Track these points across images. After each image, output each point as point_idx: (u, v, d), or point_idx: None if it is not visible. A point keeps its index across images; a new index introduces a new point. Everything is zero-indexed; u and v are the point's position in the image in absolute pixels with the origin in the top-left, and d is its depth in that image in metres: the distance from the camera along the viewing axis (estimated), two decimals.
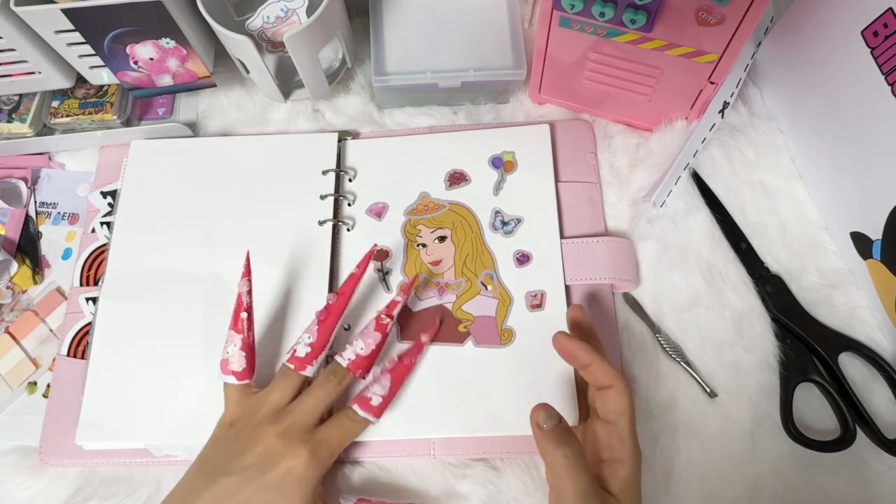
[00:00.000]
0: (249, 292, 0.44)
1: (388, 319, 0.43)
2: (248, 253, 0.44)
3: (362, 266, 0.44)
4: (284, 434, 0.39)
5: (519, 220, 0.49)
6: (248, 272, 0.44)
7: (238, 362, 0.42)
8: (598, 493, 0.36)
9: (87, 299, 0.49)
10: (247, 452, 0.39)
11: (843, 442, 0.43)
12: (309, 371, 0.42)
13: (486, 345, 0.46)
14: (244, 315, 0.43)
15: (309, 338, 0.42)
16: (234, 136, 0.55)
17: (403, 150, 0.52)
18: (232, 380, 0.42)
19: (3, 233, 0.52)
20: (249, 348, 0.43)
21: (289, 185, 0.51)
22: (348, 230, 0.50)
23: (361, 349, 0.42)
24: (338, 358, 0.43)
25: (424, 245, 0.49)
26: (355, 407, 0.41)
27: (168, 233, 0.50)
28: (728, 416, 0.45)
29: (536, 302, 0.47)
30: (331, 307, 0.43)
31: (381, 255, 0.49)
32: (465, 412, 0.44)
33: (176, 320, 0.47)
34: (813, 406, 0.45)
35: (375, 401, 0.41)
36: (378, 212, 0.50)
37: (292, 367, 0.42)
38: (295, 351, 0.42)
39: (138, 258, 0.49)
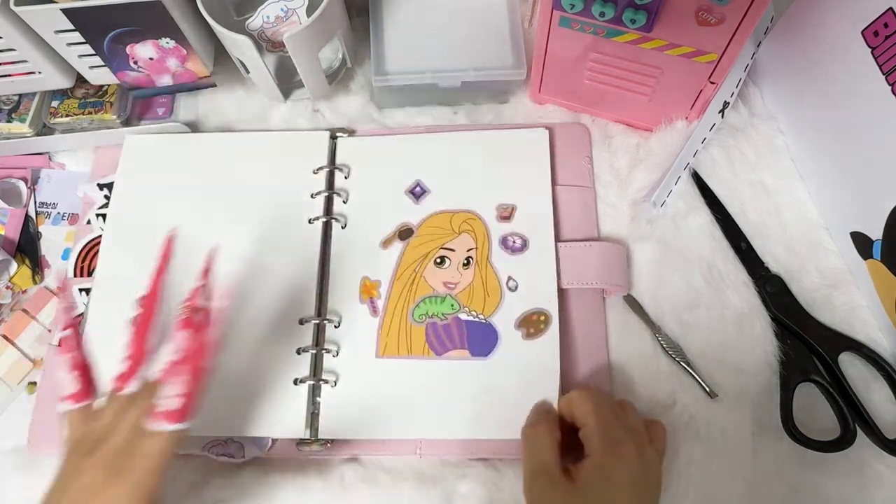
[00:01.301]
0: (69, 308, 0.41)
1: (193, 314, 0.38)
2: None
3: (161, 263, 0.41)
4: (100, 466, 0.36)
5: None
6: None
7: (71, 385, 0.39)
8: (549, 475, 0.38)
9: (81, 290, 0.49)
10: (68, 490, 0.36)
11: (843, 442, 0.43)
12: (133, 386, 0.38)
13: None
14: (68, 332, 0.41)
15: (125, 352, 0.39)
16: (227, 132, 0.55)
17: (399, 148, 0.52)
18: (68, 405, 0.39)
19: (3, 233, 0.52)
20: (82, 367, 0.40)
21: (279, 182, 0.51)
22: (342, 227, 0.50)
23: (173, 354, 0.38)
24: (147, 374, 0.38)
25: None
26: (152, 424, 0.36)
27: (160, 228, 0.50)
28: (728, 416, 0.45)
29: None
30: (137, 318, 0.40)
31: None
32: (455, 415, 0.44)
33: (166, 312, 0.47)
34: (813, 406, 0.45)
35: (172, 403, 0.36)
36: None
37: (114, 387, 0.38)
38: (118, 371, 0.39)
39: (129, 251, 0.49)
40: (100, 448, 0.36)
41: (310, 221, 0.49)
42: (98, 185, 0.53)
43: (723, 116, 0.50)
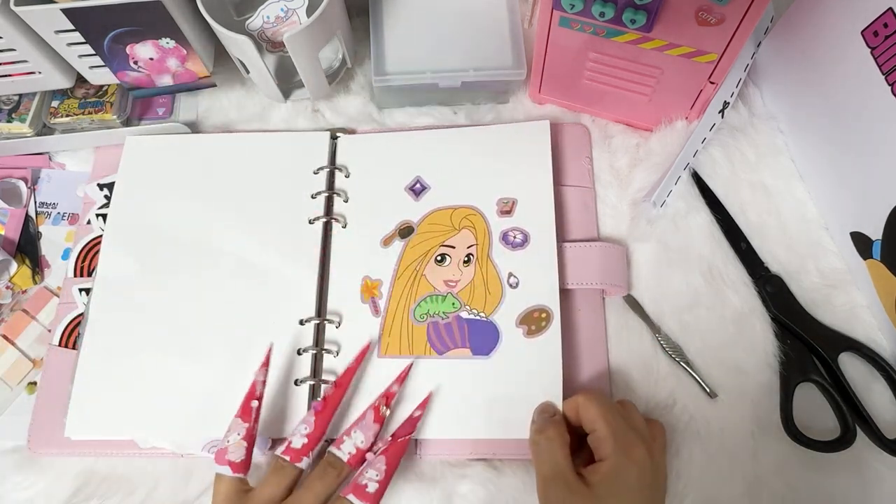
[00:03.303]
0: (264, 383, 0.43)
1: (386, 411, 0.43)
2: (270, 346, 0.45)
3: (358, 359, 0.44)
4: None
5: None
6: (266, 364, 0.44)
7: (237, 453, 0.40)
8: (565, 480, 0.37)
9: (81, 290, 0.49)
10: None
11: (843, 442, 0.43)
12: (304, 463, 0.40)
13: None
14: (255, 404, 0.41)
15: (305, 428, 0.41)
16: (227, 133, 0.55)
17: (399, 145, 0.52)
18: (227, 471, 0.39)
19: (3, 233, 0.52)
20: (251, 440, 0.41)
21: (280, 183, 0.51)
22: (343, 227, 0.50)
23: (361, 442, 0.41)
24: (335, 451, 0.41)
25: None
26: (350, 497, 0.38)
27: (160, 228, 0.50)
28: (728, 416, 0.45)
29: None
30: (328, 399, 0.42)
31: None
32: (455, 415, 0.44)
33: (167, 313, 0.47)
34: (813, 406, 0.45)
35: (371, 487, 0.39)
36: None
37: (287, 458, 0.40)
38: (290, 442, 0.41)
39: (130, 251, 0.49)
40: None
41: (310, 222, 0.49)
42: (98, 185, 0.53)
43: (723, 116, 0.51)
